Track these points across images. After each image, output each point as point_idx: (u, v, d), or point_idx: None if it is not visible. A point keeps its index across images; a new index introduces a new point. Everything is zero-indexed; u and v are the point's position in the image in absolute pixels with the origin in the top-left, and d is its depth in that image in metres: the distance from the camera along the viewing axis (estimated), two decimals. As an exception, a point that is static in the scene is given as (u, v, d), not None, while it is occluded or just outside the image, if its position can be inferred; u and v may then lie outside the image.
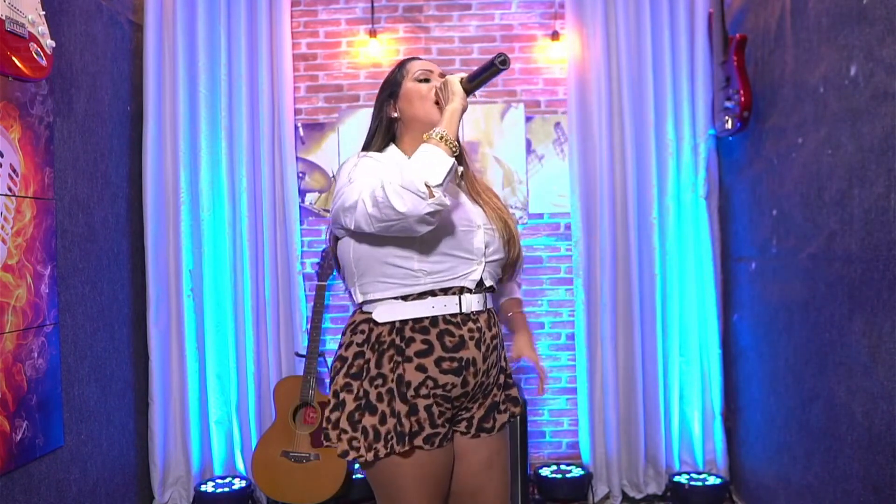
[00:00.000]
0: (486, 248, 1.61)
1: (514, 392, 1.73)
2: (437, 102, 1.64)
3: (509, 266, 1.71)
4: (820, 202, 2.18)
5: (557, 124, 3.27)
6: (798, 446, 2.40)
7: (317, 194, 3.30)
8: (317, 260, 3.19)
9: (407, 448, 1.50)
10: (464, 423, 1.64)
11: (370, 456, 1.50)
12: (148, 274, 3.09)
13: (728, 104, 2.78)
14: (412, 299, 1.55)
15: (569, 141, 3.19)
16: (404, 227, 1.44)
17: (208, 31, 3.14)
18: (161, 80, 3.12)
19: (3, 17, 1.92)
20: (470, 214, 1.62)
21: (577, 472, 3.09)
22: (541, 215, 3.27)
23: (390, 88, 1.74)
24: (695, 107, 3.10)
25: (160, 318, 3.10)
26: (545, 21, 3.26)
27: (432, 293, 1.55)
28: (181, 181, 3.11)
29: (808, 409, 2.31)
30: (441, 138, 1.48)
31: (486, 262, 1.61)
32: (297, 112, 3.28)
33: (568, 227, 3.23)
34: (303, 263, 3.22)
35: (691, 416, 3.13)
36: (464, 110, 1.56)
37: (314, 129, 3.30)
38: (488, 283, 1.62)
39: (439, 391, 1.54)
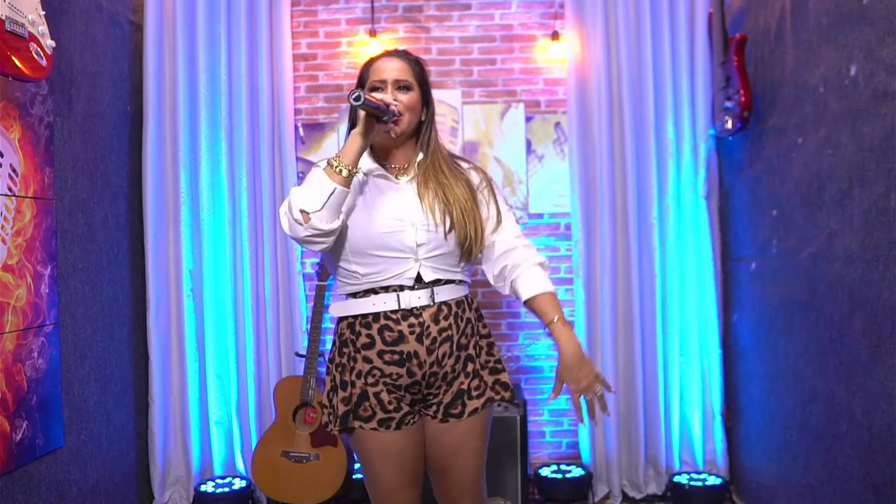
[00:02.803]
0: (418, 245, 1.67)
1: (503, 378, 1.78)
2: None
3: (459, 249, 1.70)
4: (820, 202, 2.18)
5: (557, 124, 3.27)
6: (798, 446, 2.40)
7: (317, 194, 3.30)
8: (317, 260, 3.19)
9: (354, 426, 1.70)
10: (433, 408, 1.75)
11: (335, 429, 1.72)
12: (148, 274, 3.09)
13: (728, 104, 2.78)
14: (359, 296, 1.70)
15: (569, 141, 3.19)
16: (303, 244, 1.62)
17: (208, 31, 3.13)
18: (161, 80, 3.12)
19: (3, 17, 1.92)
20: (401, 212, 1.68)
21: (577, 472, 3.09)
22: (541, 215, 3.27)
23: (358, 87, 1.75)
24: (695, 107, 3.10)
25: (160, 318, 3.10)
26: (545, 21, 3.26)
27: (374, 291, 1.69)
28: (181, 181, 3.11)
29: (808, 409, 2.31)
30: (330, 164, 1.59)
31: (423, 259, 1.68)
32: (297, 112, 3.28)
33: (568, 227, 3.23)
34: (303, 263, 3.22)
35: (691, 416, 3.13)
36: (361, 134, 1.59)
37: (314, 129, 3.30)
38: (431, 277, 1.69)
39: (388, 380, 1.69)
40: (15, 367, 2.23)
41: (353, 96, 1.52)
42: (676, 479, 3.03)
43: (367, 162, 1.73)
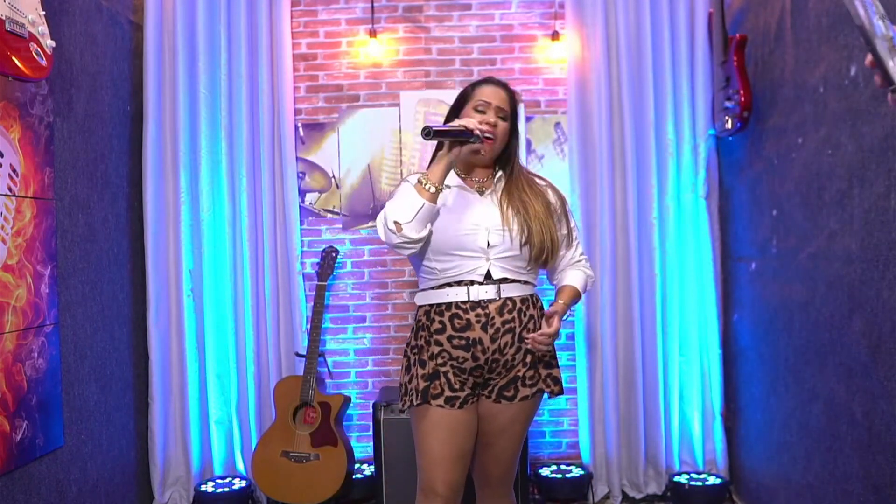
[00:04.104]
0: (490, 246, 1.89)
1: (555, 373, 1.98)
2: None
3: (534, 261, 1.94)
4: (820, 202, 2.18)
5: (557, 124, 3.27)
6: (798, 446, 2.40)
7: (317, 194, 3.30)
8: (317, 260, 3.19)
9: (420, 403, 1.89)
10: (488, 389, 1.95)
11: (403, 405, 1.94)
12: (148, 274, 3.09)
13: (728, 104, 2.78)
14: (437, 289, 1.93)
15: (569, 141, 3.19)
16: (395, 249, 1.86)
17: (208, 31, 3.13)
18: (161, 80, 3.12)
19: (3, 17, 1.92)
20: (478, 217, 1.91)
21: (577, 472, 3.09)
22: (541, 215, 3.26)
23: (457, 104, 2.00)
24: (695, 107, 3.09)
25: (160, 318, 3.10)
26: (545, 21, 3.26)
27: (449, 284, 1.91)
28: (181, 181, 3.11)
29: (808, 409, 2.31)
30: (420, 182, 1.82)
31: (493, 259, 1.90)
32: (297, 112, 3.28)
33: (568, 227, 3.23)
34: (303, 263, 3.22)
35: (691, 416, 3.13)
36: (446, 156, 1.81)
37: (314, 129, 3.30)
38: (499, 276, 1.90)
39: (455, 362, 1.90)
40: (15, 367, 2.23)
41: (424, 132, 1.73)
42: (676, 479, 3.03)
43: (451, 176, 1.94)
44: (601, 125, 3.10)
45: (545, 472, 3.08)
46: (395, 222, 1.80)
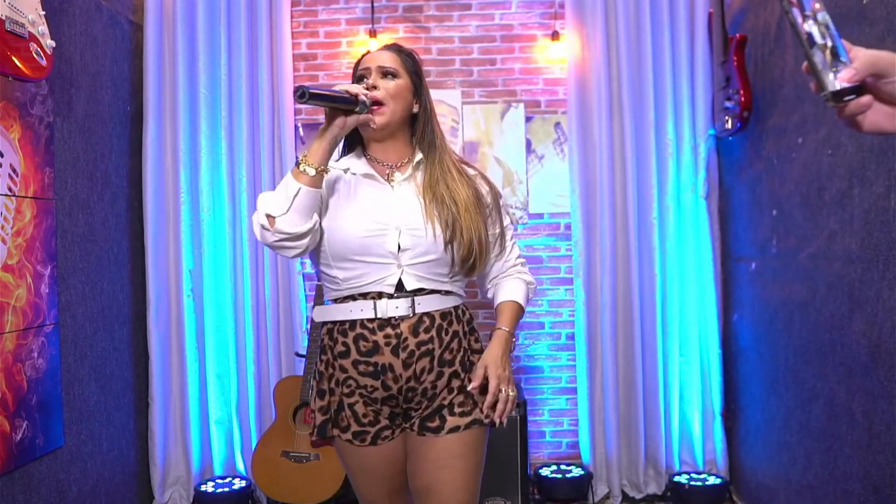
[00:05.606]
0: (401, 250, 1.55)
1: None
2: None
3: (460, 265, 1.58)
4: (820, 202, 2.18)
5: (557, 124, 3.27)
6: (798, 446, 2.40)
7: (317, 194, 3.30)
8: (317, 260, 3.19)
9: (332, 436, 1.62)
10: (412, 421, 1.62)
11: (314, 436, 1.65)
12: (148, 274, 3.09)
13: (728, 104, 2.78)
14: (339, 302, 1.60)
15: (569, 141, 3.19)
16: (274, 250, 1.55)
17: (208, 31, 3.14)
18: (161, 80, 3.12)
19: (3, 17, 1.92)
20: (386, 214, 1.56)
21: (577, 472, 3.09)
22: (541, 215, 3.27)
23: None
24: (695, 107, 3.10)
25: (160, 318, 3.10)
26: (545, 21, 3.26)
27: (353, 297, 1.57)
28: (181, 181, 3.11)
29: (808, 409, 2.31)
30: (298, 164, 1.49)
31: (406, 266, 1.55)
32: (297, 112, 3.28)
33: (568, 226, 3.23)
34: (303, 263, 3.22)
35: (691, 416, 3.13)
36: (326, 129, 1.49)
37: (314, 129, 3.30)
38: (413, 286, 1.55)
39: (363, 391, 1.59)
40: (15, 367, 2.23)
41: (297, 93, 1.40)
42: (676, 479, 3.03)
43: (354, 161, 1.64)
44: (601, 125, 3.10)
45: (545, 472, 3.08)
46: (268, 215, 1.47)
